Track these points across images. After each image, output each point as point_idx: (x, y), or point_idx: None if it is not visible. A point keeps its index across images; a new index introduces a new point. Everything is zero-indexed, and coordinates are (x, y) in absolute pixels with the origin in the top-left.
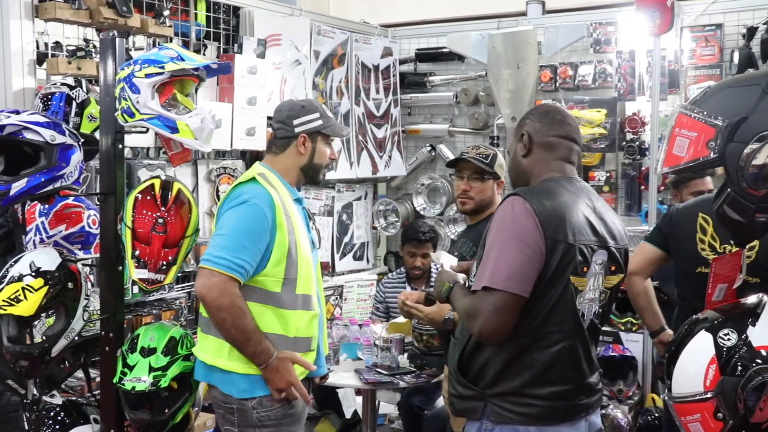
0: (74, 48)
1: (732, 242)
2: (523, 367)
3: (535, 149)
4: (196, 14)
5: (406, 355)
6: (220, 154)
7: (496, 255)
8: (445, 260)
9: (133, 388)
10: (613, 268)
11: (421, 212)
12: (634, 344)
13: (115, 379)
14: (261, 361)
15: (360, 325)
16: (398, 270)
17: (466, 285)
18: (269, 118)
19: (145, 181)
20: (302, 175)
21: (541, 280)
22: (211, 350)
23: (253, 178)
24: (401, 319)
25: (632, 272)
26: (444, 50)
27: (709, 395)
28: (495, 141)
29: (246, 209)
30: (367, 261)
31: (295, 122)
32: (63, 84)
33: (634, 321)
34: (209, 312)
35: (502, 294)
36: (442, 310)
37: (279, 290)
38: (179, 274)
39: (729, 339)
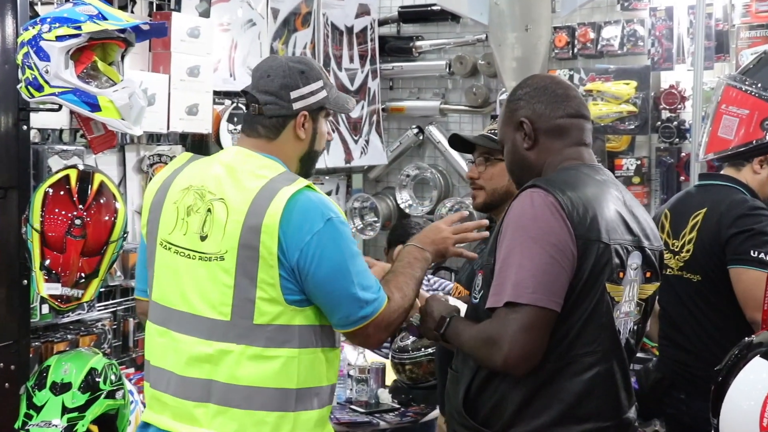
0: None
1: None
2: (549, 401)
3: (541, 138)
4: None
5: (387, 388)
6: (153, 138)
7: (517, 262)
8: None
9: None
10: (648, 274)
11: (407, 210)
12: None
13: (18, 424)
14: (427, 265)
15: None
16: None
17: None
18: (216, 93)
19: (57, 172)
20: (299, 167)
21: (573, 290)
22: (267, 428)
23: (309, 186)
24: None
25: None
26: (434, 8)
27: None
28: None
29: (343, 229)
30: None
31: (294, 95)
32: None
33: None
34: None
35: (530, 309)
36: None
37: (318, 323)
38: (102, 289)
39: None
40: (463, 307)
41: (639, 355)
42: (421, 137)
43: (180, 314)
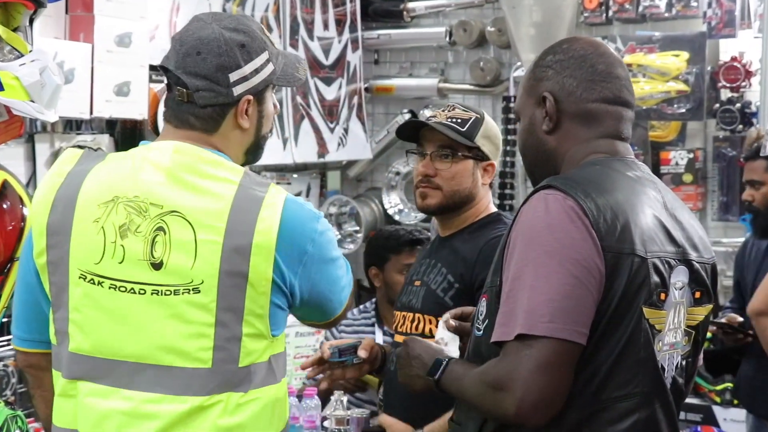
0: None
1: None
2: None
3: (565, 122)
4: None
5: None
6: (72, 126)
7: (530, 284)
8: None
9: None
10: (698, 294)
11: (396, 216)
12: (737, 426)
13: None
14: None
15: (299, 397)
16: (364, 305)
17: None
18: (154, 68)
19: None
20: (245, 160)
21: (601, 317)
22: None
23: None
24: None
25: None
26: None
27: None
28: (511, 104)
29: (329, 225)
30: None
31: (234, 77)
32: None
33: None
34: None
35: (547, 343)
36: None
37: (283, 348)
38: (4, 320)
39: None
40: (451, 341)
41: (691, 400)
42: None
43: (132, 367)
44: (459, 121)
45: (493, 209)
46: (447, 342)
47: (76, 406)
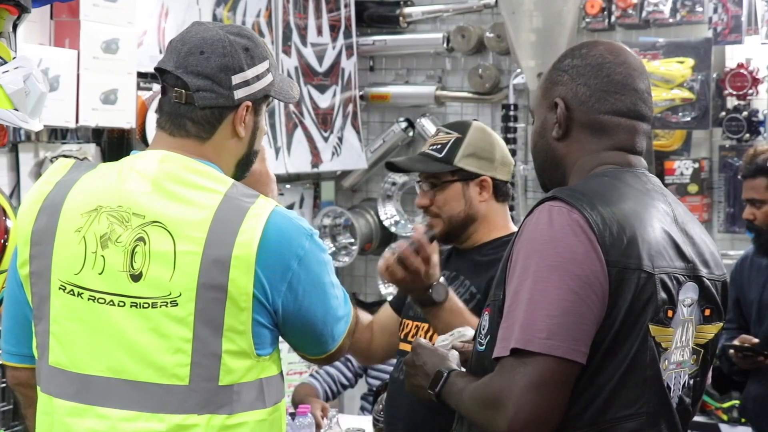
0: None
1: None
2: None
3: (575, 131)
4: None
5: None
6: (57, 135)
7: (528, 298)
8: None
9: None
10: (707, 312)
11: (392, 228)
12: None
13: None
14: None
15: (292, 415)
16: None
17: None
18: (142, 75)
19: None
20: (235, 174)
21: (605, 335)
22: None
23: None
24: None
25: None
26: None
27: None
28: (511, 113)
29: (322, 245)
30: None
31: (236, 80)
32: None
33: None
34: None
35: (542, 360)
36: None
37: (278, 371)
38: None
39: None
40: (454, 358)
41: (698, 418)
42: (410, 133)
43: (106, 382)
44: (438, 147)
45: (514, 228)
46: (448, 347)
47: (52, 426)
